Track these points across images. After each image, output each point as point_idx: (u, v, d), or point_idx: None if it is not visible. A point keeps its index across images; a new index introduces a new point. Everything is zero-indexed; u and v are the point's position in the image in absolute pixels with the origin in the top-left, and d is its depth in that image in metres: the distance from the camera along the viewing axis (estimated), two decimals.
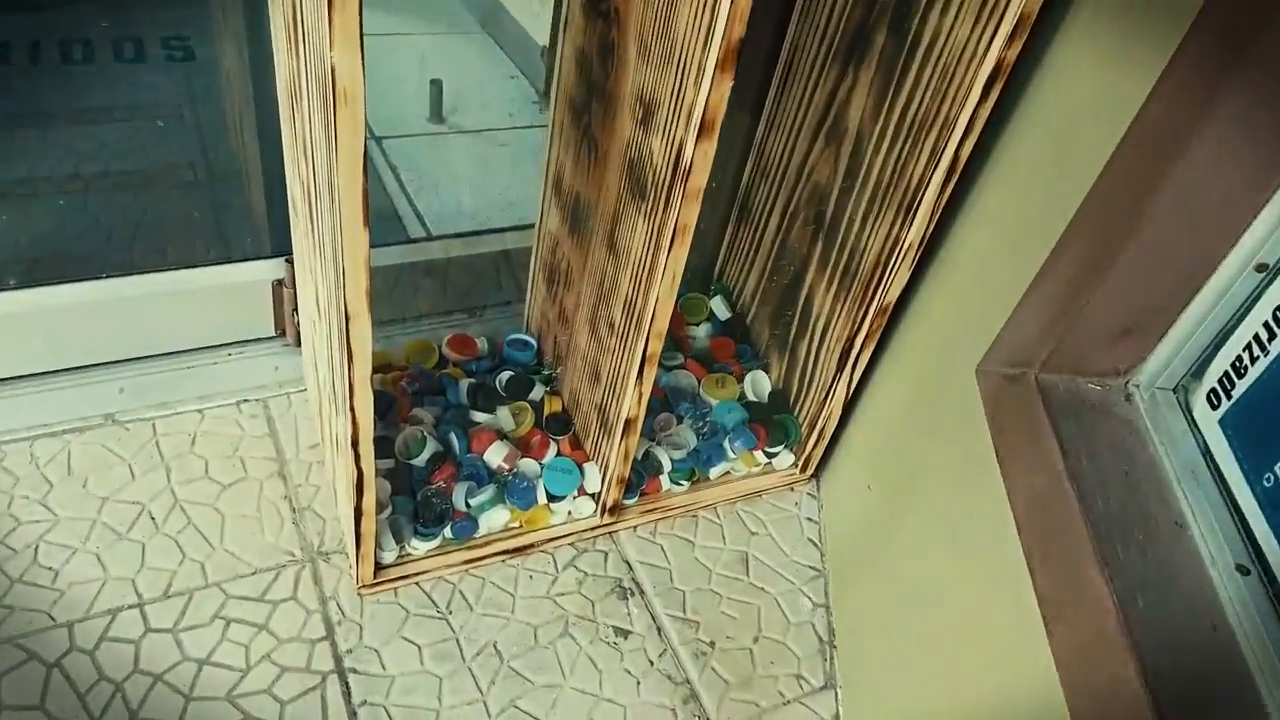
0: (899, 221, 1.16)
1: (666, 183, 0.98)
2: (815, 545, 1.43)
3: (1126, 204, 0.80)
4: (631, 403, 1.18)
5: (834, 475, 1.45)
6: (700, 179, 0.95)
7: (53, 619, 1.14)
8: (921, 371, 1.19)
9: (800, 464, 1.47)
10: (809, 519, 1.46)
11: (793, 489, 1.49)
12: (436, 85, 2.09)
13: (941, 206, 1.12)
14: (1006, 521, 0.90)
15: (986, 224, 1.07)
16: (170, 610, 1.17)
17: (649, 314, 1.08)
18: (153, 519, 1.26)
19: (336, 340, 0.97)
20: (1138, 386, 0.87)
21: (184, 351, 1.41)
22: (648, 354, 1.12)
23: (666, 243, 1.01)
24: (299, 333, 1.41)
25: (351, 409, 0.98)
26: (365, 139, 0.76)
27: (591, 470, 1.32)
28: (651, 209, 1.02)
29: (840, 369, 1.32)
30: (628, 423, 1.20)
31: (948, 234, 1.15)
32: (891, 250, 1.18)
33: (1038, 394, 0.85)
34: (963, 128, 1.04)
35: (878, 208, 1.19)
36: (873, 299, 1.23)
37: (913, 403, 1.21)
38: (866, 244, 1.23)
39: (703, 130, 0.91)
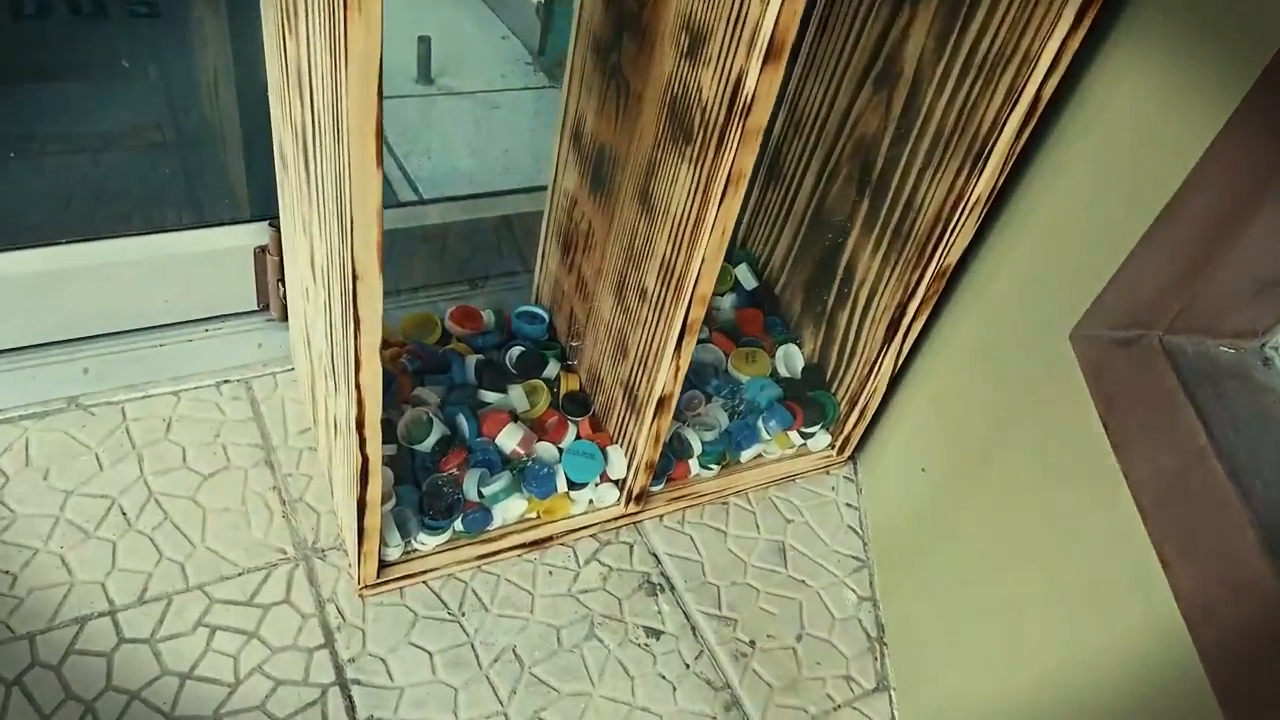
0: (965, 173, 1.04)
1: (719, 122, 0.85)
2: (856, 533, 1.31)
3: (1275, 135, 0.68)
4: (667, 378, 1.05)
5: (876, 457, 1.33)
6: (762, 115, 0.82)
7: (11, 630, 1.00)
8: (990, 341, 1.07)
9: (838, 445, 1.35)
10: (848, 504, 1.34)
11: (828, 472, 1.37)
12: (425, 43, 1.94)
13: (1016, 153, 1.00)
14: (1118, 506, 0.79)
15: (1075, 170, 0.95)
16: (147, 617, 1.04)
17: (691, 277, 0.95)
18: (124, 514, 1.11)
19: (340, 306, 0.83)
20: (1276, 349, 0.76)
21: (156, 327, 1.26)
22: (688, 322, 1.00)
23: (717, 193, 0.88)
24: (285, 305, 1.27)
25: (357, 385, 0.85)
26: (381, 51, 0.63)
27: (615, 454, 1.19)
28: (699, 154, 0.89)
29: (888, 340, 1.20)
30: (661, 401, 1.08)
31: (1022, 184, 1.03)
32: (955, 205, 1.06)
33: (1164, 359, 0.73)
34: (1047, 62, 0.92)
35: (939, 159, 1.07)
36: (930, 261, 1.11)
37: (980, 376, 1.09)
38: (924, 200, 1.10)
39: (769, 55, 0.78)
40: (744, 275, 1.43)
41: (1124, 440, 0.76)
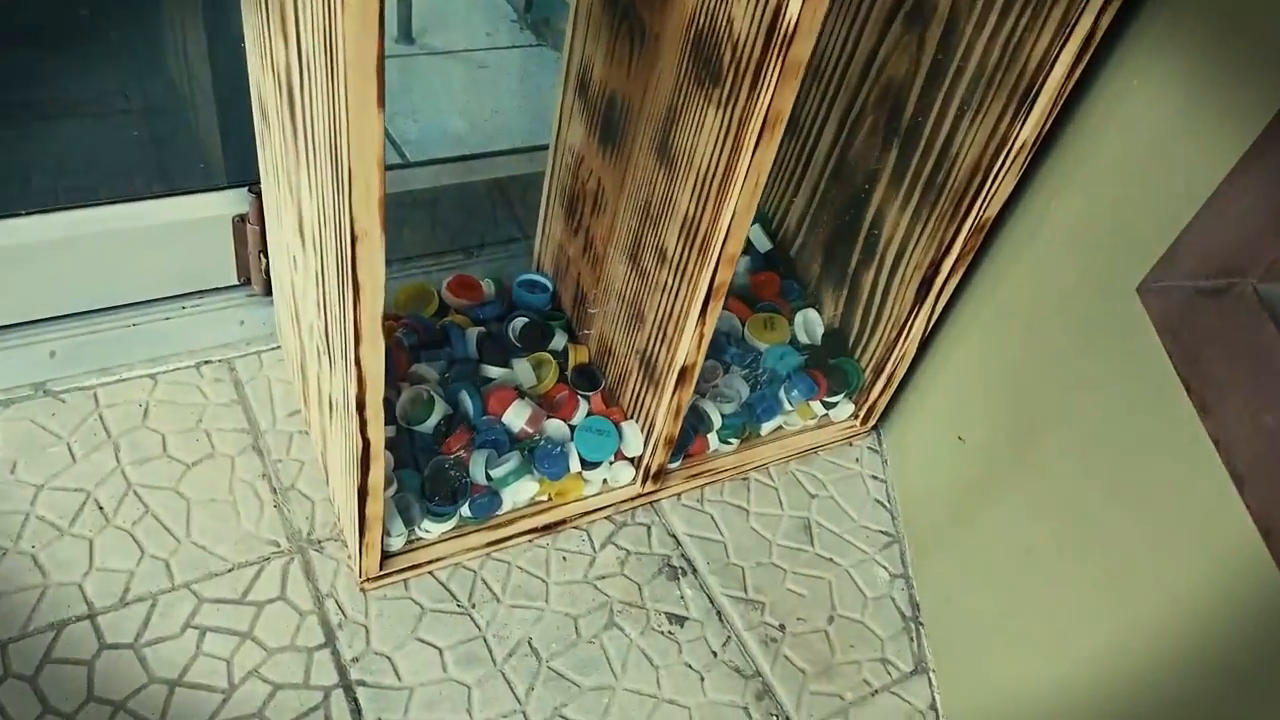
0: (1008, 116, 0.96)
1: (753, 58, 0.77)
2: (885, 507, 1.24)
3: None
4: (690, 347, 0.97)
5: (904, 426, 1.26)
6: (805, 47, 0.74)
7: None
8: (1037, 299, 0.99)
9: (861, 415, 1.27)
10: (874, 477, 1.27)
11: (851, 444, 1.30)
12: (405, 2, 1.83)
13: (1067, 93, 0.92)
14: (1202, 474, 0.71)
15: (1138, 107, 0.87)
16: (130, 621, 0.95)
17: (719, 235, 0.87)
18: (101, 509, 1.02)
19: (336, 273, 0.74)
20: None
21: (128, 305, 1.17)
22: (715, 286, 0.91)
23: (750, 139, 0.79)
24: (268, 279, 1.18)
25: (357, 362, 0.76)
26: None
27: (631, 430, 1.11)
28: (729, 97, 0.81)
29: (919, 302, 1.12)
30: (683, 372, 0.99)
31: (1073, 126, 0.95)
32: (996, 153, 0.98)
33: (1260, 308, 0.66)
34: None
35: (978, 102, 0.99)
36: (967, 215, 1.03)
37: (1026, 339, 1.01)
38: (961, 148, 1.02)
39: None
40: (757, 236, 1.35)
41: (1213, 401, 0.69)
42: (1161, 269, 0.77)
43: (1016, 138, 0.96)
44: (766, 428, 1.22)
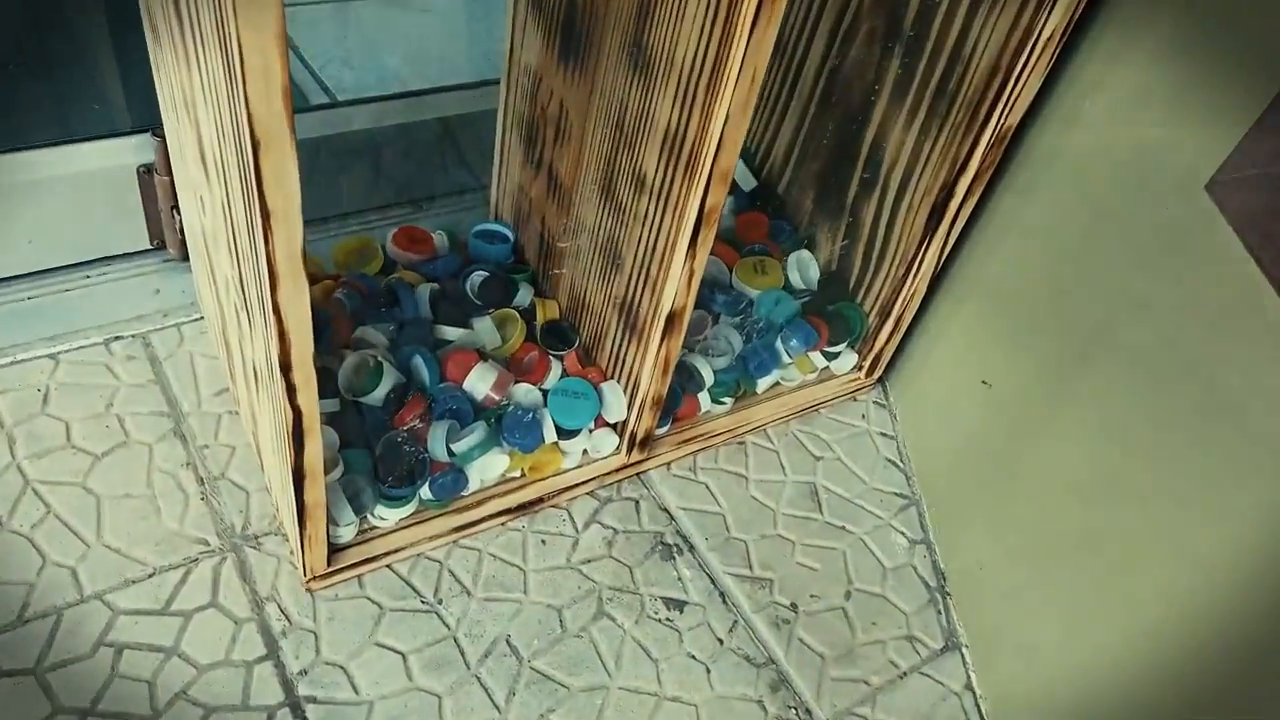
0: (1031, 6, 0.83)
1: None
2: (898, 466, 1.11)
3: None
4: (678, 287, 0.83)
5: (914, 374, 1.13)
6: None
7: None
8: (1072, 214, 0.87)
9: (866, 366, 1.14)
10: (883, 434, 1.14)
11: (855, 398, 1.17)
12: None
13: None
14: None
15: None
16: (29, 641, 0.80)
17: (709, 147, 0.73)
18: None
19: (242, 196, 0.59)
20: None
21: (20, 277, 1.01)
22: (705, 211, 0.77)
23: (744, 23, 0.65)
24: (183, 238, 1.02)
25: (275, 308, 0.61)
26: None
27: (612, 391, 0.97)
28: None
29: (929, 231, 0.99)
30: (670, 318, 0.86)
31: (1108, 10, 0.82)
32: (1018, 51, 0.85)
33: None
34: None
35: None
36: (985, 125, 0.90)
37: (1062, 262, 0.88)
38: (975, 48, 0.89)
39: None
40: (740, 173, 1.21)
41: None
42: (1235, 159, 0.65)
43: (1041, 29, 0.83)
44: (763, 384, 1.09)
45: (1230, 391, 0.69)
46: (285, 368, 0.65)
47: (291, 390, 0.67)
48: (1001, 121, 0.89)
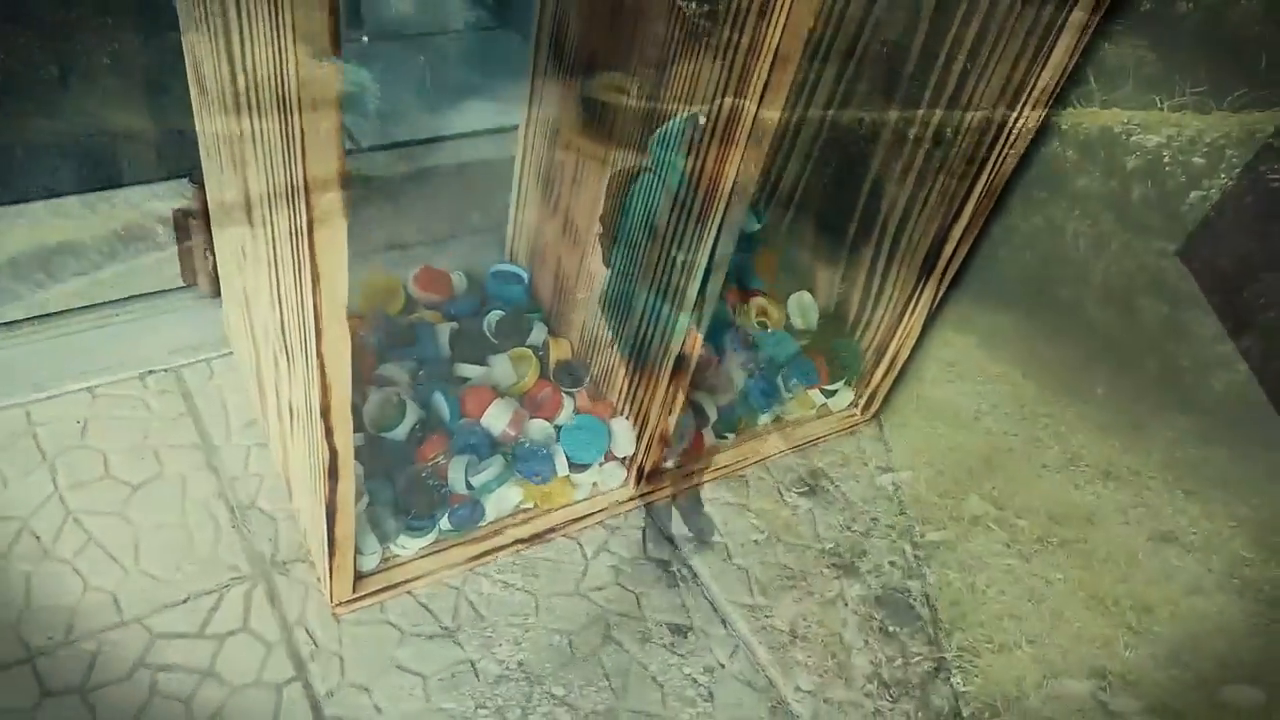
0: (1025, 61, 0.89)
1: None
2: (891, 498, 1.16)
3: None
4: (688, 330, 0.89)
5: (908, 410, 1.19)
6: None
7: None
8: (1066, 255, 0.92)
9: (862, 402, 1.20)
10: (879, 467, 1.19)
11: (852, 433, 1.22)
12: None
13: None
14: None
15: None
16: (74, 662, 0.85)
17: (720, 202, 0.79)
18: (38, 539, 0.92)
19: (291, 255, 0.65)
20: None
21: (60, 313, 1.06)
22: (715, 258, 0.83)
23: (755, 93, 0.71)
24: (216, 278, 1.07)
25: (319, 357, 0.67)
26: None
27: (621, 427, 1.03)
28: (730, 39, 0.72)
29: (925, 274, 1.05)
30: (679, 359, 0.91)
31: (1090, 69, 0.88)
32: (1012, 103, 0.91)
33: None
34: None
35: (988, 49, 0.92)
36: (980, 172, 0.96)
37: (1056, 303, 0.94)
38: (971, 101, 0.95)
39: None
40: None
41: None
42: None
43: (1035, 83, 0.89)
44: (764, 419, 1.14)
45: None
46: (325, 411, 0.71)
47: (329, 432, 0.72)
48: (996, 170, 0.95)
